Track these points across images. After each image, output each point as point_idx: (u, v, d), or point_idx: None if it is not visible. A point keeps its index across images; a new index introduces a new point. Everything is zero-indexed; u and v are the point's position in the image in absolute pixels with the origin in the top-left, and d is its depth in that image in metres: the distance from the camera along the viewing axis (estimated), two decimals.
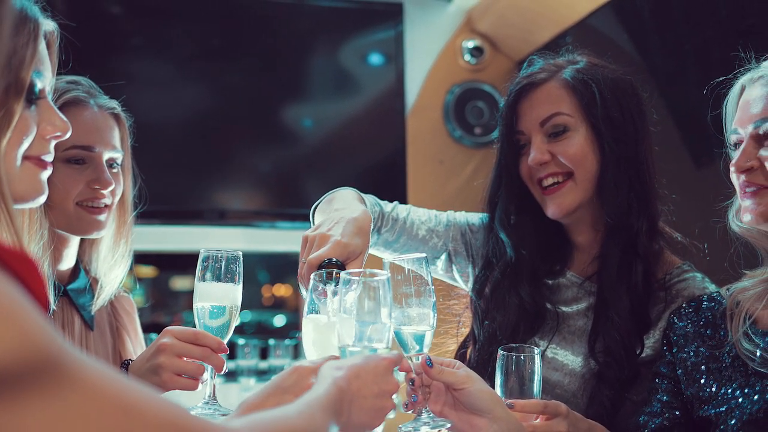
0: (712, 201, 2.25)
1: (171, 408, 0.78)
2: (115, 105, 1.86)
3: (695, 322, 1.65)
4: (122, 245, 1.89)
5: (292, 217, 3.70)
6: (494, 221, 1.94)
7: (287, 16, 3.73)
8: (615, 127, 1.82)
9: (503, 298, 1.88)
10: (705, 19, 2.57)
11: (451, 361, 1.42)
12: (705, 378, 1.59)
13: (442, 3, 3.75)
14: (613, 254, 1.82)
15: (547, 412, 1.49)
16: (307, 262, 1.52)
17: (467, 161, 3.75)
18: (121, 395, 0.74)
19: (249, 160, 3.68)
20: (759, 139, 1.50)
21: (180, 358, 1.55)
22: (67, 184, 1.74)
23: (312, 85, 3.78)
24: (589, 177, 1.83)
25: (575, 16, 3.22)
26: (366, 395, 1.18)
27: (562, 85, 1.85)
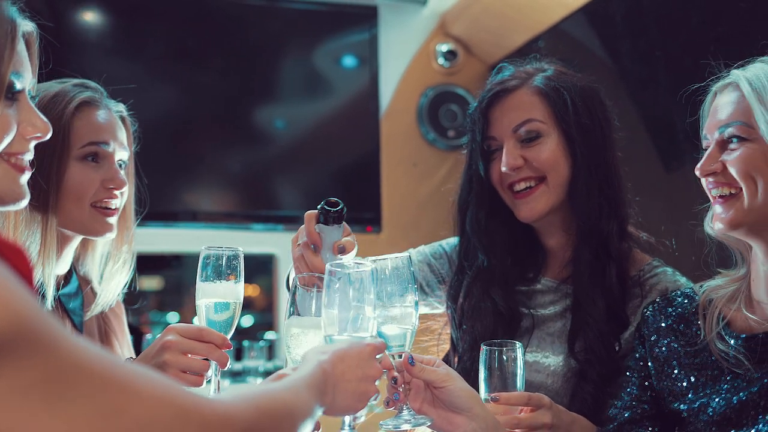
0: (682, 203, 2.28)
1: (164, 382, 0.80)
2: (122, 108, 1.87)
3: (667, 317, 1.68)
4: (124, 252, 1.88)
5: (264, 218, 3.68)
6: (465, 226, 1.95)
7: (260, 17, 3.72)
8: (586, 133, 1.86)
9: (477, 303, 1.90)
10: (676, 26, 2.61)
11: (432, 358, 1.44)
12: (677, 373, 1.61)
13: (417, 6, 3.76)
14: (585, 257, 1.85)
15: (531, 403, 1.52)
16: (305, 216, 1.52)
17: (440, 164, 3.76)
18: (112, 371, 0.76)
19: (221, 161, 3.66)
20: (723, 144, 1.53)
21: (185, 355, 1.55)
22: (84, 183, 1.73)
23: (284, 87, 3.77)
24: (561, 182, 1.87)
25: (548, 21, 3.25)
26: (350, 379, 1.21)
27: (534, 92, 1.88)
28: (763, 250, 1.53)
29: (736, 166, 1.49)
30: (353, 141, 3.77)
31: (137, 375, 0.78)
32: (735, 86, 1.54)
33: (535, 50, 3.30)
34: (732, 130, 1.51)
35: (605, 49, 3.08)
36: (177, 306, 4.19)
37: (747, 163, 1.48)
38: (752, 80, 1.50)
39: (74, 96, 1.75)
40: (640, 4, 2.79)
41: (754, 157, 1.47)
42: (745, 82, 1.50)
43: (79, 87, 1.79)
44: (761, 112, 1.46)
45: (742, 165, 1.48)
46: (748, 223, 1.50)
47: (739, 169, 1.48)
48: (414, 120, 3.79)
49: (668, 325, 1.67)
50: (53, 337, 0.73)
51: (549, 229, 1.93)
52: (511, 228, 1.94)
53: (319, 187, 3.76)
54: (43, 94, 1.73)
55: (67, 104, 1.73)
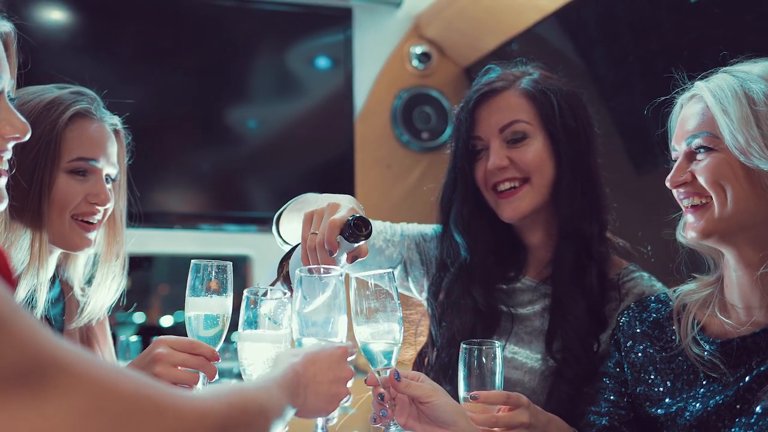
0: (654, 208, 2.30)
1: (140, 379, 0.82)
2: (117, 121, 1.84)
3: (643, 323, 1.70)
4: (114, 266, 1.85)
5: (235, 219, 3.66)
6: (449, 223, 1.96)
7: (233, 18, 3.70)
8: (571, 135, 1.89)
9: (458, 300, 1.91)
10: (649, 31, 2.63)
11: (415, 374, 1.45)
12: (654, 378, 1.63)
13: (391, 9, 3.76)
14: (566, 258, 1.87)
15: (510, 402, 1.53)
16: (329, 224, 1.48)
17: (414, 166, 3.77)
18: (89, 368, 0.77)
19: (192, 162, 3.63)
20: (691, 155, 1.56)
21: (175, 367, 1.55)
22: (68, 195, 1.71)
23: (257, 87, 3.76)
24: (545, 183, 1.89)
25: (522, 24, 3.26)
26: (321, 381, 1.23)
27: (522, 94, 1.91)
28: (734, 256, 1.55)
29: (704, 176, 1.51)
30: (327, 142, 3.76)
31: (114, 372, 0.79)
32: (699, 98, 1.57)
33: (509, 53, 3.33)
34: (698, 140, 1.53)
35: (578, 53, 3.10)
36: (144, 307, 4.15)
37: (714, 172, 1.50)
38: (715, 91, 1.52)
39: (69, 106, 1.72)
40: (613, 10, 2.81)
41: (721, 166, 1.49)
42: (708, 93, 1.53)
43: (75, 95, 1.76)
44: (725, 122, 1.48)
45: (710, 174, 1.50)
46: (720, 232, 1.52)
47: (707, 178, 1.51)
48: (388, 122, 3.79)
49: (643, 331, 1.69)
50: (30, 333, 0.73)
51: (531, 229, 1.95)
52: (494, 227, 1.96)
53: (291, 188, 3.70)
54: (39, 99, 1.71)
55: (62, 113, 1.70)
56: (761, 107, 1.46)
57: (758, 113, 1.46)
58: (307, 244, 1.52)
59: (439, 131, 3.81)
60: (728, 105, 1.48)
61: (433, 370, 1.90)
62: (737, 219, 1.50)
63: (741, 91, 1.49)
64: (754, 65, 1.55)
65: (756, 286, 1.52)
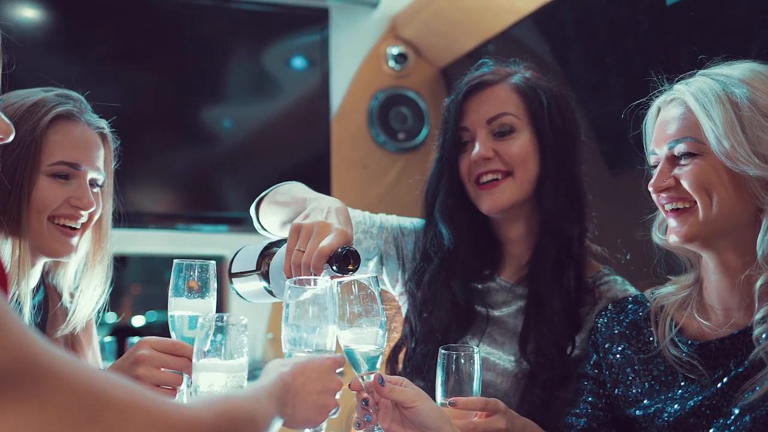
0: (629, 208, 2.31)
1: (133, 389, 0.84)
2: (104, 125, 1.80)
3: (620, 324, 1.70)
4: (98, 272, 1.81)
5: (210, 220, 3.63)
6: (434, 214, 1.96)
7: (209, 17, 3.68)
8: (557, 135, 1.89)
9: (437, 291, 1.91)
10: (626, 34, 2.65)
11: (399, 378, 1.45)
12: (632, 379, 1.63)
13: (368, 9, 3.76)
14: (547, 257, 1.87)
15: (488, 409, 1.53)
16: (318, 251, 1.47)
17: (391, 166, 3.77)
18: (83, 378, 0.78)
19: (166, 162, 3.59)
20: (673, 160, 1.55)
21: (158, 369, 1.53)
22: (47, 198, 1.67)
23: (233, 87, 3.73)
24: (529, 179, 1.89)
25: (499, 26, 3.27)
26: (310, 391, 1.23)
27: (512, 89, 1.92)
28: (715, 261, 1.55)
29: (690, 181, 1.50)
30: (303, 142, 3.75)
31: (108, 381, 0.80)
32: (680, 101, 1.56)
33: (485, 55, 3.33)
34: (682, 146, 1.52)
35: (555, 55, 3.11)
36: (116, 307, 4.10)
37: (700, 177, 1.50)
38: (697, 95, 1.51)
39: (52, 108, 1.68)
40: (590, 11, 2.83)
41: (707, 171, 1.49)
42: (690, 97, 1.52)
43: (60, 98, 1.72)
44: (710, 127, 1.48)
45: (696, 180, 1.50)
46: (703, 236, 1.52)
47: (692, 183, 1.50)
48: (364, 122, 3.78)
49: (621, 332, 1.69)
50: (21, 337, 0.74)
51: (511, 225, 1.95)
52: (475, 223, 1.96)
53: (266, 188, 3.72)
54: (23, 101, 1.67)
55: (43, 116, 1.66)
56: (745, 112, 1.46)
57: (743, 118, 1.46)
58: (292, 260, 1.51)
59: (416, 132, 3.81)
60: (712, 110, 1.48)
61: (410, 365, 1.89)
62: (721, 223, 1.50)
63: (724, 95, 1.49)
64: (733, 68, 1.55)
65: (736, 289, 1.52)
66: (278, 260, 1.59)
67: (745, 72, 1.53)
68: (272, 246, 1.67)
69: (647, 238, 1.71)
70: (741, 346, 1.49)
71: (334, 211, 1.58)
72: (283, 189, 1.87)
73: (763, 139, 1.45)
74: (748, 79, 1.51)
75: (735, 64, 1.58)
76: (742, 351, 1.49)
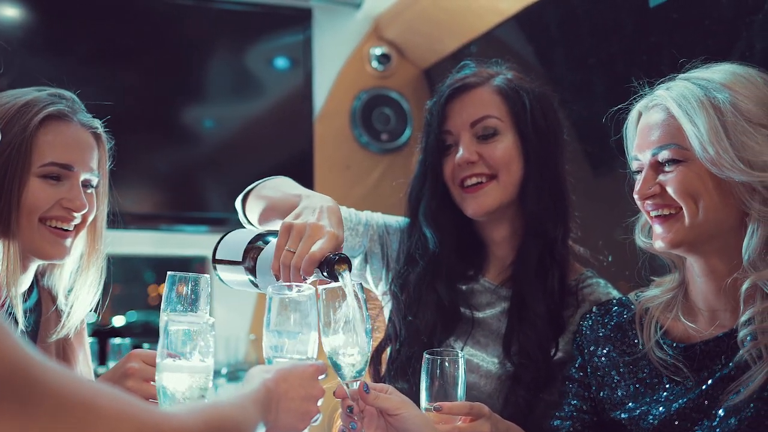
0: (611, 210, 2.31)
1: (123, 399, 0.86)
2: (98, 125, 1.76)
3: (605, 326, 1.70)
4: (92, 274, 1.78)
5: (192, 220, 3.61)
6: (418, 217, 1.95)
7: (191, 17, 3.66)
8: (541, 136, 1.89)
9: (423, 294, 1.90)
10: (610, 34, 2.65)
11: (384, 386, 1.44)
12: (617, 382, 1.63)
13: (351, 10, 3.75)
14: (530, 258, 1.87)
15: (473, 413, 1.52)
16: (309, 255, 1.45)
17: (374, 167, 3.76)
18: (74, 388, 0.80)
19: (147, 162, 3.56)
20: (657, 166, 1.55)
21: (147, 382, 1.53)
22: (38, 199, 1.63)
23: (214, 87, 3.71)
24: (513, 181, 1.88)
25: (482, 27, 3.27)
26: (293, 398, 1.23)
27: (495, 91, 1.91)
28: (700, 266, 1.55)
29: (676, 188, 1.50)
30: (285, 143, 3.73)
31: (98, 392, 0.83)
32: (662, 107, 1.55)
33: (468, 56, 3.33)
34: (666, 153, 1.52)
35: (538, 56, 3.11)
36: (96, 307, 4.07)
37: (686, 184, 1.49)
38: (680, 101, 1.50)
39: (44, 107, 1.64)
40: (574, 13, 2.83)
41: (692, 177, 1.49)
42: (673, 103, 1.51)
43: (52, 97, 1.68)
44: (693, 133, 1.47)
45: (681, 186, 1.49)
46: (689, 242, 1.52)
47: (678, 190, 1.50)
48: (347, 123, 3.77)
49: (606, 335, 1.69)
50: (14, 350, 0.75)
51: (495, 228, 1.94)
52: (459, 225, 1.95)
53: None
54: (15, 101, 1.64)
55: (34, 116, 1.62)
56: (729, 117, 1.45)
57: (726, 123, 1.45)
58: (282, 260, 1.49)
59: (399, 132, 3.81)
60: (695, 116, 1.47)
61: (394, 366, 1.88)
62: (707, 229, 1.49)
63: (706, 100, 1.48)
64: (713, 72, 1.55)
65: (722, 293, 1.52)
66: (266, 255, 1.57)
67: (726, 75, 1.52)
68: (259, 238, 1.64)
69: (630, 240, 1.72)
70: (726, 348, 1.49)
71: (326, 212, 1.56)
72: (271, 183, 1.85)
73: (748, 144, 1.44)
74: (729, 82, 1.50)
75: (714, 66, 1.57)
76: (726, 353, 1.49)
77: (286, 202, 1.69)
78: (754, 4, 2.02)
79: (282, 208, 1.70)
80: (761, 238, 1.45)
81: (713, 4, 2.19)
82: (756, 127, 1.46)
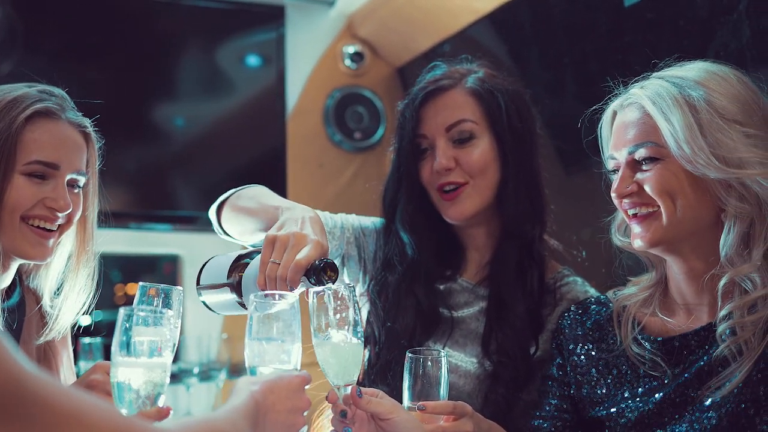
0: (584, 209, 2.32)
1: (115, 414, 0.87)
2: (87, 124, 1.73)
3: (584, 325, 1.71)
4: (82, 276, 1.75)
5: (162, 218, 3.56)
6: (394, 222, 1.94)
7: (162, 14, 3.61)
8: (516, 136, 1.88)
9: (401, 299, 1.89)
10: (585, 34, 2.66)
11: (375, 390, 1.44)
12: (596, 380, 1.64)
13: (324, 7, 3.73)
14: (509, 259, 1.87)
15: (456, 412, 1.52)
16: (294, 263, 1.44)
17: (347, 165, 3.75)
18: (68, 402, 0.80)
19: (117, 160, 3.49)
20: (634, 165, 1.55)
21: (110, 395, 1.46)
22: (21, 197, 1.59)
23: (185, 85, 3.67)
24: (490, 184, 1.88)
25: (456, 25, 3.27)
26: (279, 410, 1.23)
27: (468, 93, 1.90)
28: (678, 264, 1.56)
29: (653, 186, 1.51)
30: (258, 141, 3.70)
31: (92, 406, 0.83)
32: (638, 105, 1.55)
33: (442, 54, 3.33)
34: (643, 151, 1.52)
35: (511, 56, 3.11)
36: None
37: (663, 182, 1.50)
38: (655, 99, 1.51)
39: (32, 104, 1.61)
40: (549, 12, 2.84)
41: (669, 176, 1.50)
42: (648, 101, 1.52)
43: (41, 94, 1.65)
44: (669, 131, 1.48)
45: (658, 185, 1.50)
46: (668, 240, 1.52)
47: (655, 188, 1.51)
48: (320, 121, 3.75)
49: (585, 333, 1.69)
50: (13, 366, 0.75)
51: (473, 229, 1.94)
52: (436, 227, 1.95)
53: (221, 187, 3.65)
54: (3, 96, 1.61)
55: (21, 112, 1.59)
56: (703, 114, 1.46)
57: (701, 120, 1.46)
58: (267, 273, 1.48)
59: (372, 131, 3.79)
60: (670, 114, 1.48)
61: (374, 370, 1.87)
62: (685, 227, 1.50)
63: (681, 98, 1.49)
64: (687, 70, 1.56)
65: (701, 289, 1.54)
66: (251, 272, 1.56)
67: (700, 73, 1.54)
68: (243, 257, 1.63)
69: (605, 239, 1.72)
70: (704, 341, 1.51)
71: (309, 221, 1.56)
72: (247, 194, 1.83)
73: (722, 141, 1.45)
74: (703, 80, 1.51)
75: (688, 65, 1.58)
76: (704, 346, 1.50)
77: (267, 214, 1.68)
78: (728, 5, 2.03)
79: (262, 220, 1.69)
80: (738, 234, 1.46)
81: (688, 4, 2.20)
82: (730, 124, 1.47)
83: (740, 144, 1.45)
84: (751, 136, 1.46)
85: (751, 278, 1.44)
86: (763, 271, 1.44)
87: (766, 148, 1.47)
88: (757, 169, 1.44)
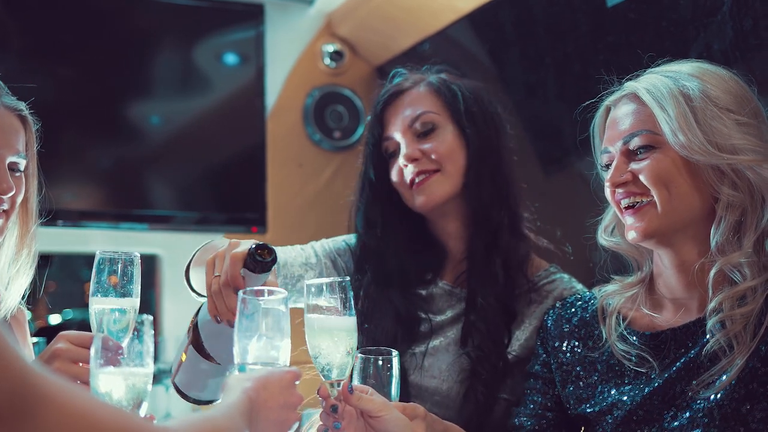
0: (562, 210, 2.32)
1: (120, 413, 0.90)
2: (23, 107, 1.73)
3: (569, 322, 1.71)
4: (24, 254, 1.75)
5: (136, 218, 3.51)
6: (363, 228, 1.94)
7: (137, 10, 3.56)
8: (476, 122, 1.92)
9: (377, 305, 1.89)
10: (566, 35, 2.66)
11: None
12: (582, 377, 1.64)
13: (303, 6, 3.71)
14: (478, 249, 1.89)
15: (406, 414, 1.51)
16: (230, 256, 1.43)
17: (326, 164, 3.73)
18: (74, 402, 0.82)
19: (91, 158, 3.46)
20: (629, 154, 1.56)
21: (75, 363, 1.51)
22: None
23: (161, 82, 3.63)
24: (458, 171, 1.91)
25: (436, 25, 3.26)
26: (272, 406, 1.24)
27: (427, 89, 1.95)
28: (670, 257, 1.56)
29: (648, 175, 1.51)
30: (236, 140, 3.67)
31: (100, 406, 0.85)
32: (631, 97, 1.57)
33: (421, 53, 3.31)
34: (638, 140, 1.53)
35: (491, 56, 3.11)
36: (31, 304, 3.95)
37: (658, 170, 1.51)
38: (650, 89, 1.54)
39: None
40: (530, 12, 2.83)
41: (664, 164, 1.51)
42: (643, 91, 1.54)
43: None
44: (664, 119, 1.49)
45: (653, 173, 1.51)
46: (662, 231, 1.53)
47: (650, 177, 1.51)
48: (300, 120, 3.73)
49: (570, 330, 1.69)
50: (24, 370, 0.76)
51: (445, 221, 1.96)
52: (409, 228, 1.96)
53: (198, 186, 3.63)
54: None
55: None
56: (698, 103, 1.49)
57: (695, 109, 1.48)
58: (212, 290, 1.47)
59: (351, 130, 3.78)
60: (665, 103, 1.50)
61: None
62: (679, 217, 1.51)
63: (676, 89, 1.51)
64: (681, 65, 1.58)
65: (691, 283, 1.54)
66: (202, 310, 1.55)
67: (694, 68, 1.57)
68: None
69: (588, 240, 1.72)
70: (692, 335, 1.51)
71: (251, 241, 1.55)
72: (206, 246, 1.81)
73: (716, 128, 1.47)
74: (698, 73, 1.54)
75: (682, 62, 1.61)
76: (692, 340, 1.50)
77: None
78: (711, 6, 2.04)
79: None
80: (729, 223, 1.48)
81: (671, 4, 2.21)
82: (724, 112, 1.49)
83: (734, 131, 1.48)
84: (743, 125, 1.49)
85: (740, 269, 1.45)
86: (753, 262, 1.45)
87: (758, 137, 1.49)
88: (750, 156, 1.46)
